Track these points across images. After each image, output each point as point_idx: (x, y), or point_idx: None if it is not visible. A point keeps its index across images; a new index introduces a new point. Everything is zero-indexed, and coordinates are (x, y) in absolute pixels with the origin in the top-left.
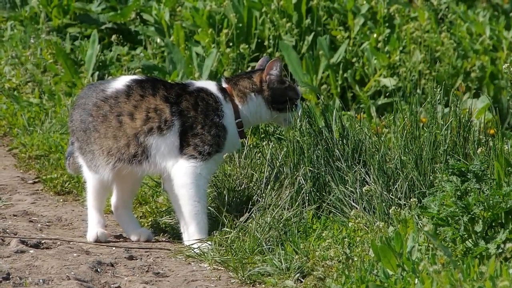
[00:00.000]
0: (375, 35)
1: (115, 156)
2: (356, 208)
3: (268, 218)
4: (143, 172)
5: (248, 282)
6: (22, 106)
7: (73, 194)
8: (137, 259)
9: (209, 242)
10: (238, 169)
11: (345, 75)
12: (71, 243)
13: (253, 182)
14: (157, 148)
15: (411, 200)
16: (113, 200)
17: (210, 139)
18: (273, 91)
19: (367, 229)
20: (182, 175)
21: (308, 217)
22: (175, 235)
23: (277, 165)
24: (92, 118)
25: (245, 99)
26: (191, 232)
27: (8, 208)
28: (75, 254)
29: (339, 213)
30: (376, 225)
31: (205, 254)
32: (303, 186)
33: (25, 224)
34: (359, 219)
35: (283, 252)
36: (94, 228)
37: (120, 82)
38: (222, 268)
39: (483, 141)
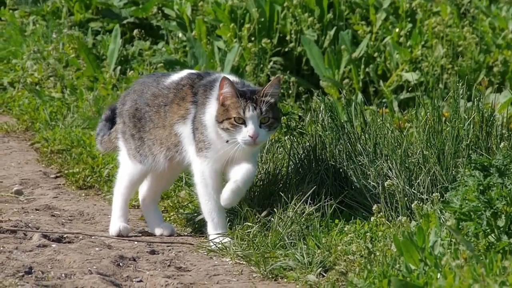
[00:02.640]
0: (397, 30)
1: (165, 145)
2: (378, 203)
3: (290, 212)
4: (188, 161)
5: (270, 276)
6: (44, 100)
7: (95, 188)
8: (159, 254)
9: (230, 237)
10: (260, 164)
11: (367, 69)
12: (93, 237)
13: (275, 177)
14: (182, 136)
15: (434, 194)
16: (143, 190)
17: (199, 136)
18: (218, 108)
19: (389, 223)
20: (194, 173)
21: (330, 211)
22: (197, 229)
23: (299, 159)
24: (148, 108)
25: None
26: (209, 229)
27: (31, 203)
28: (97, 249)
29: (361, 207)
30: (398, 219)
31: (227, 249)
32: (325, 180)
33: (47, 218)
34: (381, 213)
35: (305, 246)
36: (117, 222)
37: (179, 74)
38: (244, 263)
39: (505, 135)
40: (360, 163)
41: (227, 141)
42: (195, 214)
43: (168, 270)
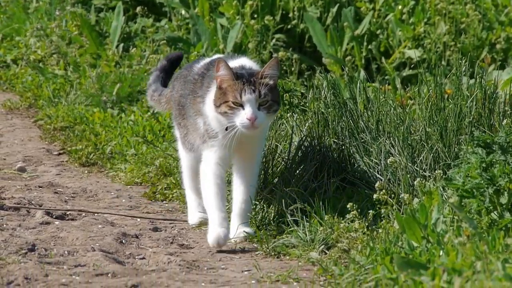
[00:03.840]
0: (399, 7)
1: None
2: (381, 180)
3: (293, 190)
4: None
5: (273, 254)
6: (47, 78)
7: (98, 165)
8: (161, 231)
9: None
10: None
11: (369, 46)
12: (96, 214)
13: (277, 154)
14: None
15: (436, 172)
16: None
17: (205, 126)
18: (216, 92)
19: (392, 200)
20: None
21: (333, 188)
22: None
23: (302, 136)
24: (186, 94)
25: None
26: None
27: (34, 180)
28: (100, 226)
29: (363, 184)
30: (401, 196)
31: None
32: (327, 157)
33: (50, 195)
34: (384, 190)
35: (308, 224)
36: (195, 213)
37: (209, 59)
38: (246, 240)
39: (508, 112)
40: (362, 140)
41: (226, 129)
42: None
43: (170, 247)
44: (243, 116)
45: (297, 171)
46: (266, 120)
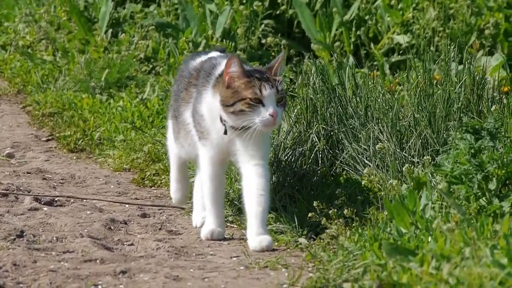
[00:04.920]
0: None
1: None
2: (369, 166)
3: (281, 176)
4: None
5: None
6: (36, 63)
7: (86, 151)
8: (150, 217)
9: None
10: None
11: (358, 32)
12: (84, 200)
13: None
14: (188, 121)
15: (425, 158)
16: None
17: (196, 126)
18: (224, 91)
19: (380, 187)
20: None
21: (321, 174)
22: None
23: (290, 122)
24: (181, 89)
25: (215, 93)
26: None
27: (22, 166)
28: (88, 212)
29: (352, 171)
30: (389, 183)
31: None
32: (316, 144)
33: (38, 181)
34: (372, 177)
35: (296, 210)
36: (175, 193)
37: (206, 55)
38: (235, 226)
39: (497, 98)
40: (351, 126)
41: (225, 133)
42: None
43: (159, 234)
44: (264, 112)
45: (286, 157)
46: (281, 117)
